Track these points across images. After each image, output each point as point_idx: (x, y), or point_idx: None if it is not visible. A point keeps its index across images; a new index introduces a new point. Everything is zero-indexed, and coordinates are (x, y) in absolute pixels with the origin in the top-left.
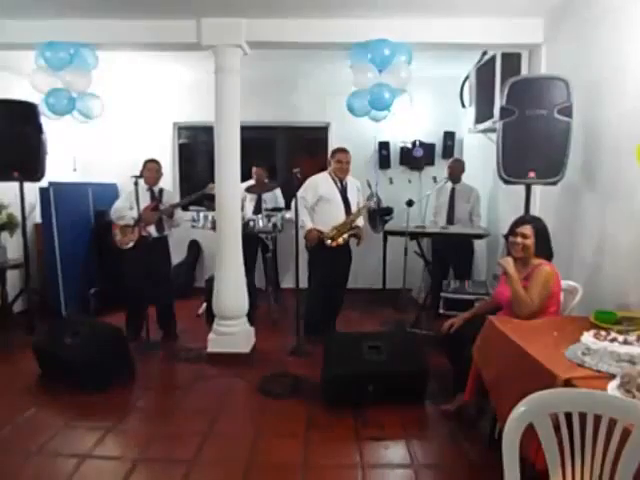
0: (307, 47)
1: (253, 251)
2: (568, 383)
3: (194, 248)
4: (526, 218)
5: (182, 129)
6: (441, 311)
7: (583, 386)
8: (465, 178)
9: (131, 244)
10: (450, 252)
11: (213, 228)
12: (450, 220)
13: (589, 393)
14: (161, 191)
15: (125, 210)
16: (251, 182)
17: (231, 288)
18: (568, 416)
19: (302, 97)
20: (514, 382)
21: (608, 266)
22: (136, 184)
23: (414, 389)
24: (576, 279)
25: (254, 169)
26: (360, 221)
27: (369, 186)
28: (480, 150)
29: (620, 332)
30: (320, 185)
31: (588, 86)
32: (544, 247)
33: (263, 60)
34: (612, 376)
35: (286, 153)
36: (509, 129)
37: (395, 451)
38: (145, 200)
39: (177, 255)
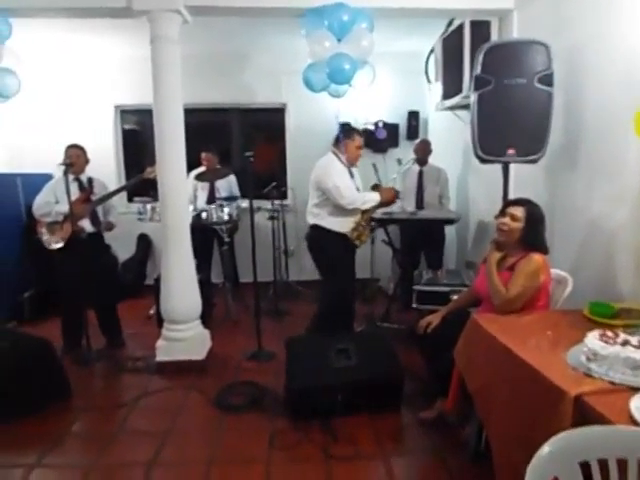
0: (255, 14)
1: (208, 244)
2: (579, 400)
3: (143, 242)
4: (520, 199)
5: (127, 113)
6: (414, 305)
7: (597, 403)
8: (432, 159)
9: (61, 243)
10: (420, 239)
11: None
12: (419, 205)
13: (631, 432)
14: (90, 180)
15: (50, 205)
16: (202, 169)
17: (180, 288)
18: (603, 462)
19: (256, 76)
20: (508, 395)
21: (596, 251)
22: (66, 173)
23: (388, 396)
24: (560, 267)
25: (203, 155)
26: None
27: (375, 171)
28: (447, 129)
29: (629, 332)
30: (341, 173)
31: (568, 53)
32: (536, 237)
33: (211, 35)
34: (631, 389)
35: (241, 137)
36: (485, 101)
37: (370, 471)
38: (73, 192)
39: (125, 251)
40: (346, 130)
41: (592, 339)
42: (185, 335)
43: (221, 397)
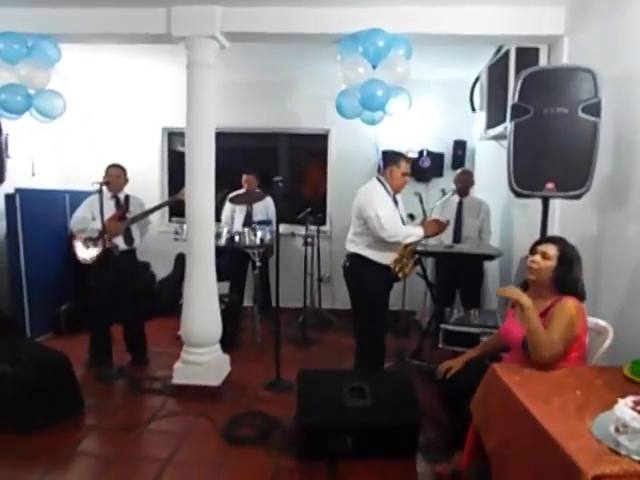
0: (290, 40)
1: (242, 267)
2: None
3: (181, 262)
4: (554, 237)
5: (177, 135)
6: (440, 345)
7: None
8: (476, 191)
9: (90, 257)
10: (456, 274)
11: None
12: (457, 238)
13: None
14: (127, 198)
15: (87, 221)
16: (239, 192)
17: (200, 311)
18: None
19: (301, 102)
20: (523, 462)
21: None
22: (100, 192)
23: (403, 442)
24: (603, 317)
25: (244, 177)
26: None
27: (420, 201)
28: (493, 160)
29: None
30: (384, 201)
31: (618, 82)
32: (569, 278)
33: (257, 61)
34: None
35: (287, 161)
36: (522, 131)
37: None
38: (109, 209)
39: (163, 269)
40: (392, 155)
41: (623, 407)
42: (203, 359)
43: (229, 427)
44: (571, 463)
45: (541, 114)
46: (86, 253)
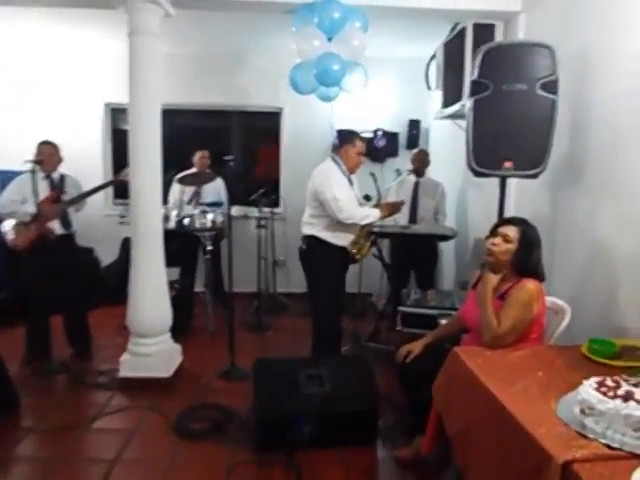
0: (241, 7)
1: (193, 251)
2: (568, 468)
3: (128, 247)
4: (514, 218)
5: (120, 112)
6: (398, 328)
7: (591, 474)
8: (431, 172)
9: (27, 243)
10: (412, 255)
11: None
12: (413, 218)
13: None
14: (62, 178)
15: (16, 204)
16: (190, 171)
17: (148, 298)
18: None
19: (252, 78)
20: (489, 447)
21: (599, 280)
22: (33, 171)
23: (362, 428)
24: (557, 295)
25: (198, 153)
26: None
27: (374, 180)
28: (448, 139)
29: (634, 382)
30: (341, 182)
31: (575, 60)
32: (531, 261)
33: (206, 34)
34: (634, 456)
35: (238, 140)
36: (482, 108)
37: None
38: (43, 190)
39: (108, 255)
40: (346, 135)
41: (588, 389)
42: (152, 350)
43: (181, 421)
44: (540, 448)
45: (500, 90)
46: (17, 239)
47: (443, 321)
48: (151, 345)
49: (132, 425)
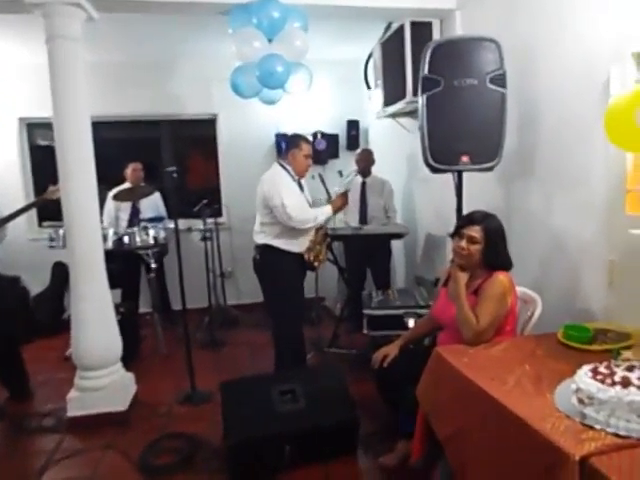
0: (170, 10)
1: (134, 271)
2: (585, 464)
3: (59, 272)
4: (475, 216)
5: (39, 128)
6: (365, 331)
7: (609, 467)
8: (374, 171)
9: None
10: (365, 256)
11: None
12: (363, 219)
13: None
14: None
15: None
16: (125, 186)
17: (94, 328)
18: None
19: (183, 85)
20: (489, 447)
21: (560, 267)
22: None
23: (342, 441)
24: (521, 285)
25: (130, 166)
26: None
27: (322, 182)
28: (389, 138)
29: (627, 366)
30: (289, 187)
31: (518, 53)
32: (497, 255)
33: (132, 40)
34: None
35: (171, 151)
36: (435, 104)
37: None
38: None
39: (37, 283)
40: (292, 138)
41: (585, 378)
42: (102, 383)
43: (145, 458)
44: (551, 446)
45: (452, 86)
46: None
47: (410, 320)
48: (102, 377)
49: (89, 470)
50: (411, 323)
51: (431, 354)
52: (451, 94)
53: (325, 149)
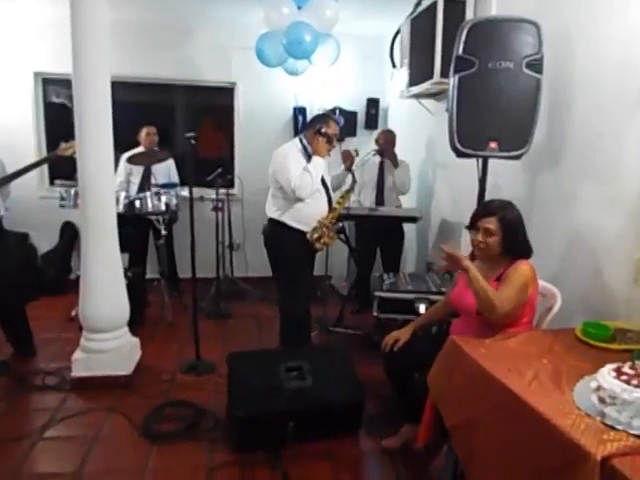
0: None
1: (143, 236)
2: (606, 465)
3: (68, 231)
4: (490, 207)
5: (51, 83)
6: (375, 314)
7: (630, 467)
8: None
9: None
10: (378, 238)
11: None
12: (379, 200)
13: None
14: None
15: None
16: (137, 150)
17: (103, 291)
18: None
19: (203, 50)
20: (501, 441)
21: (581, 263)
22: None
23: (347, 421)
24: (542, 278)
25: (145, 129)
26: None
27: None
28: (410, 120)
29: None
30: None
31: (554, 38)
32: (517, 244)
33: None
34: None
35: (185, 117)
36: (466, 86)
37: None
38: None
39: (46, 241)
40: (319, 117)
41: (608, 377)
42: (108, 346)
43: (149, 423)
44: (572, 443)
45: (486, 68)
46: None
47: (420, 305)
48: (108, 340)
49: (92, 431)
50: (422, 309)
51: (443, 341)
52: (484, 76)
53: (343, 126)
